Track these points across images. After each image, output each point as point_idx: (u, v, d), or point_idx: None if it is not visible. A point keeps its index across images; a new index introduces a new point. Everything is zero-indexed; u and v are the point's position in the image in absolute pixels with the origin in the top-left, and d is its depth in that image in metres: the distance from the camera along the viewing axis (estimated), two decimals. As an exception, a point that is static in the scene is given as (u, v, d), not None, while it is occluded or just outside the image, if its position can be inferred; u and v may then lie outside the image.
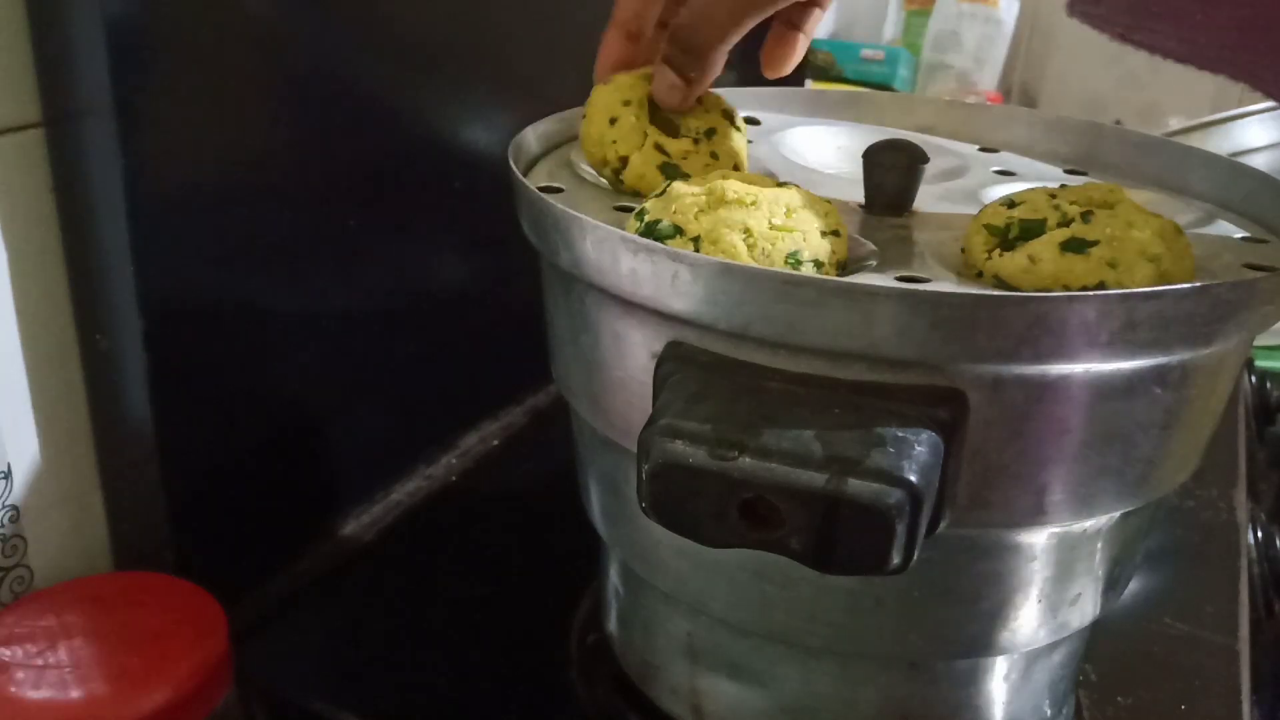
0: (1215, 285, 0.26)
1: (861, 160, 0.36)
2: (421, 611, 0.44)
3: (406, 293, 0.50)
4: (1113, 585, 0.34)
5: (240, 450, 0.43)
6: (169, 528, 0.40)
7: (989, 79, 1.27)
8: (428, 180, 0.50)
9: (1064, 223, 0.29)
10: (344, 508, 0.50)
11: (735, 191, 0.30)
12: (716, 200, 0.30)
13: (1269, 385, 0.75)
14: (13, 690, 0.33)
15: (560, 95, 0.42)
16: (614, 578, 0.39)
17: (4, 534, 0.38)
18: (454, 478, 0.54)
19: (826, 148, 0.44)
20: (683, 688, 0.37)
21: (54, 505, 0.40)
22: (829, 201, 0.31)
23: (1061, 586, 0.32)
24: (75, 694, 0.33)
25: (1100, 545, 0.32)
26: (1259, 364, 0.79)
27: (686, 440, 0.25)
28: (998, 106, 0.45)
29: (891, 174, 0.35)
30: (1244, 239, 0.34)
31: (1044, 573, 0.31)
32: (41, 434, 0.38)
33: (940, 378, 0.26)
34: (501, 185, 0.34)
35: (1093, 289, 0.27)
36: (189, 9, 0.36)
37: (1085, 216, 0.29)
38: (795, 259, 0.29)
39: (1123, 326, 0.25)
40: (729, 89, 0.46)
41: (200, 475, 0.41)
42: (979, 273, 0.30)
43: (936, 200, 0.37)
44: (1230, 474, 0.57)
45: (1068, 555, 0.31)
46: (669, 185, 0.31)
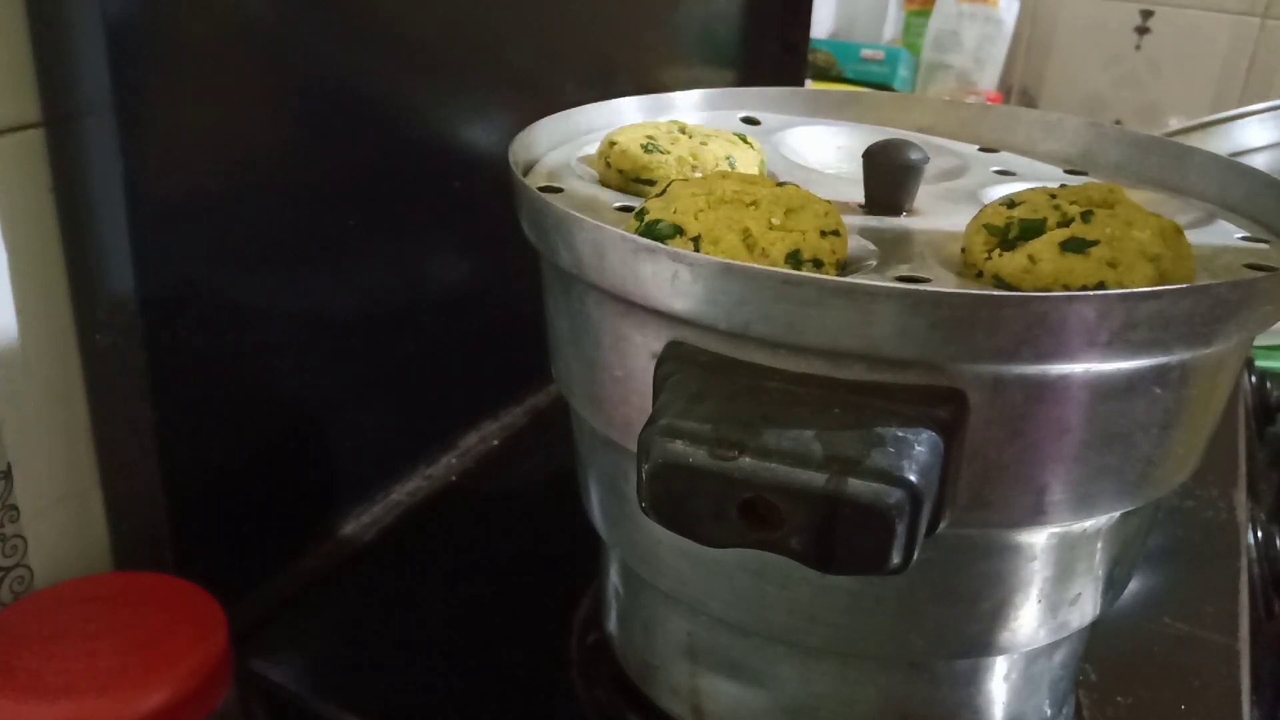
0: (1215, 285, 0.26)
1: (861, 160, 0.36)
2: (421, 611, 0.44)
3: (406, 293, 0.50)
4: (1113, 585, 0.34)
5: (240, 450, 0.43)
6: (169, 528, 0.40)
7: (989, 79, 1.27)
8: (428, 180, 0.50)
9: (1064, 223, 0.29)
10: (344, 508, 0.50)
11: (735, 191, 0.30)
12: (716, 200, 0.30)
13: (1269, 385, 0.75)
14: (13, 690, 0.33)
15: (560, 95, 0.42)
16: (614, 578, 0.39)
17: (4, 534, 0.38)
18: (454, 478, 0.54)
19: (826, 148, 0.44)
20: (683, 688, 0.37)
21: (54, 505, 0.40)
22: (829, 201, 0.31)
23: (1061, 586, 0.32)
24: (75, 694, 0.33)
25: (1100, 545, 0.32)
26: (1259, 364, 0.79)
27: (686, 440, 0.25)
28: (998, 106, 0.45)
29: (891, 174, 0.35)
30: (1244, 239, 0.34)
31: (1044, 573, 0.31)
32: (41, 434, 0.38)
33: (940, 378, 0.26)
34: (501, 185, 0.34)
35: (1093, 289, 0.27)
36: (189, 9, 0.36)
37: (1085, 216, 0.29)
38: (795, 259, 0.29)
39: (1123, 326, 0.25)
40: (729, 89, 0.46)
41: (200, 475, 0.41)
42: (979, 273, 0.30)
43: (936, 200, 0.37)
44: (1230, 474, 0.57)
45: (1068, 555, 0.31)
46: (669, 185, 0.31)
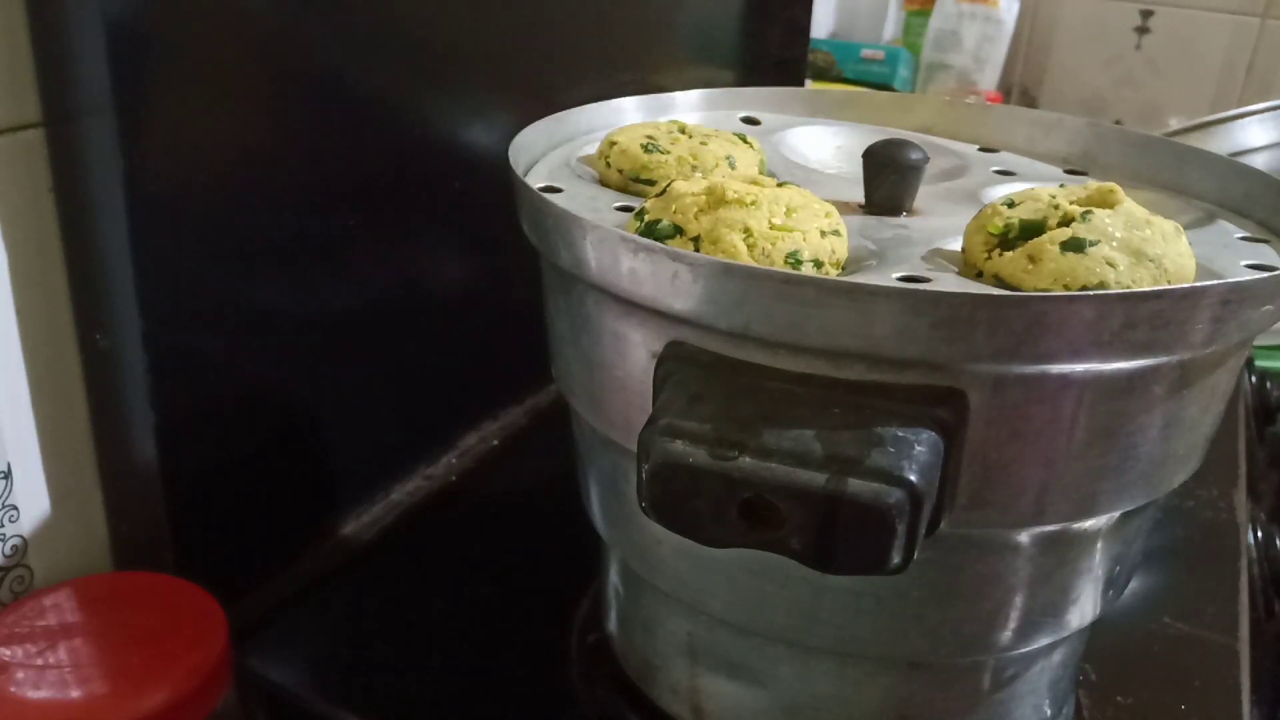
0: (1215, 285, 0.26)
1: (861, 160, 0.36)
2: (421, 611, 0.44)
3: (406, 293, 0.50)
4: (1113, 585, 0.34)
5: (240, 450, 0.43)
6: (169, 528, 0.40)
7: (989, 79, 1.27)
8: (428, 180, 0.50)
9: (1064, 223, 0.29)
10: (344, 508, 0.50)
11: (735, 191, 0.30)
12: (716, 200, 0.30)
13: (1269, 385, 0.75)
14: (13, 690, 0.33)
15: (560, 95, 0.42)
16: (614, 578, 0.39)
17: (4, 534, 0.38)
18: (454, 478, 0.54)
19: (826, 148, 0.44)
20: (683, 688, 0.37)
21: (54, 505, 0.40)
22: (829, 201, 0.31)
23: (1062, 586, 0.32)
24: (75, 694, 0.33)
25: (1100, 545, 0.32)
26: (1259, 364, 0.79)
27: (686, 440, 0.25)
28: (998, 106, 0.45)
29: (891, 173, 0.35)
30: (1244, 239, 0.34)
31: (1044, 573, 0.31)
32: (41, 434, 0.38)
33: (940, 377, 0.26)
34: (501, 185, 0.34)
35: (1093, 289, 0.27)
36: (189, 9, 0.36)
37: (1085, 216, 0.29)
38: (795, 259, 0.29)
39: (1123, 326, 0.25)
40: (729, 89, 0.46)
41: (200, 475, 0.41)
42: (979, 273, 0.30)
43: (936, 200, 0.37)
44: (1230, 474, 0.57)
45: (1068, 555, 0.31)
46: (669, 185, 0.31)
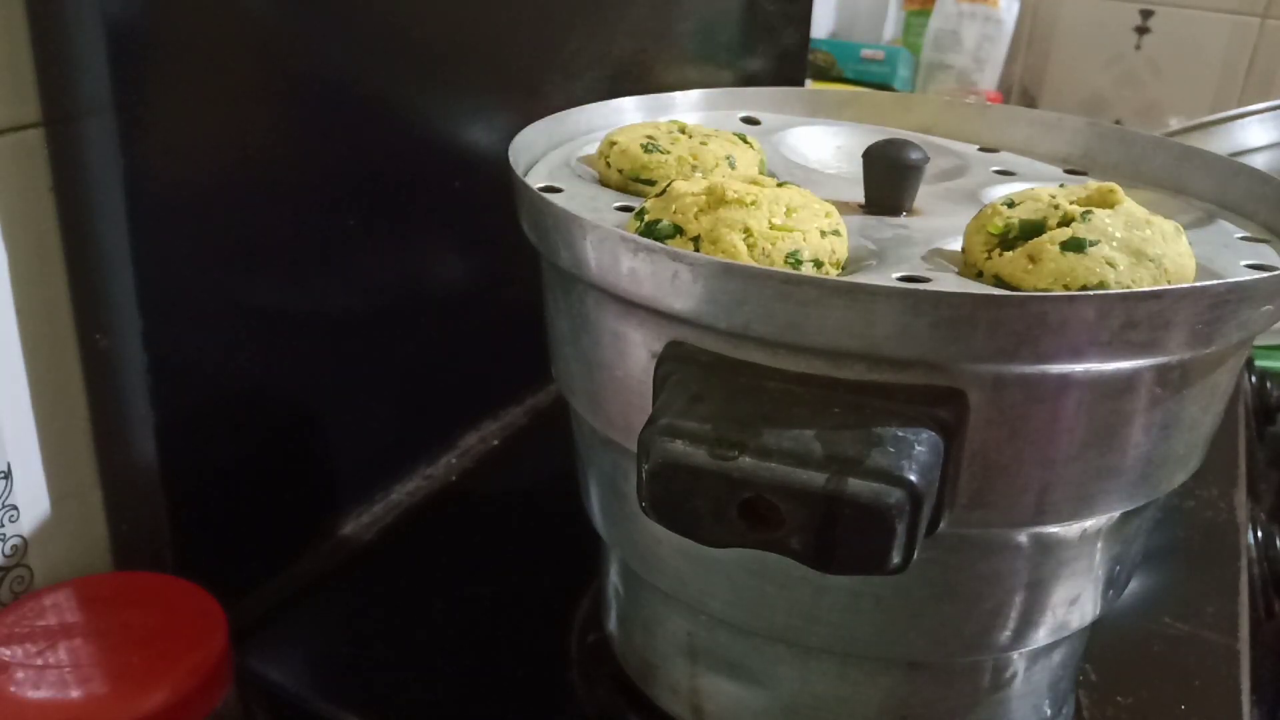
0: (1215, 285, 0.26)
1: (861, 160, 0.36)
2: (421, 611, 0.44)
3: (406, 293, 0.50)
4: (1113, 585, 0.34)
5: (240, 450, 0.43)
6: (169, 528, 0.40)
7: (989, 79, 1.27)
8: (428, 180, 0.50)
9: (1064, 223, 0.29)
10: (344, 508, 0.50)
11: (735, 191, 0.30)
12: (716, 200, 0.30)
13: (1269, 385, 0.75)
14: (13, 690, 0.33)
15: (560, 95, 0.42)
16: (614, 578, 0.39)
17: (4, 534, 0.38)
18: (454, 478, 0.54)
19: (826, 148, 0.44)
20: (683, 687, 0.37)
21: (54, 505, 0.40)
22: (829, 201, 0.31)
23: (1061, 586, 0.32)
24: (75, 694, 0.33)
25: (1100, 545, 0.32)
26: (1259, 364, 0.79)
27: (686, 440, 0.25)
28: (998, 106, 0.45)
29: (891, 174, 0.35)
30: (1244, 239, 0.34)
31: (1044, 572, 0.31)
32: (41, 434, 0.38)
33: (940, 377, 0.26)
34: (501, 185, 0.34)
35: (1093, 289, 0.27)
36: (189, 9, 0.36)
37: (1085, 216, 0.29)
38: (795, 259, 0.29)
39: (1123, 326, 0.25)
40: (729, 89, 0.46)
41: (200, 475, 0.41)
42: (979, 273, 0.30)
43: (936, 200, 0.37)
44: (1230, 474, 0.57)
45: (1068, 555, 0.31)
46: (669, 185, 0.31)
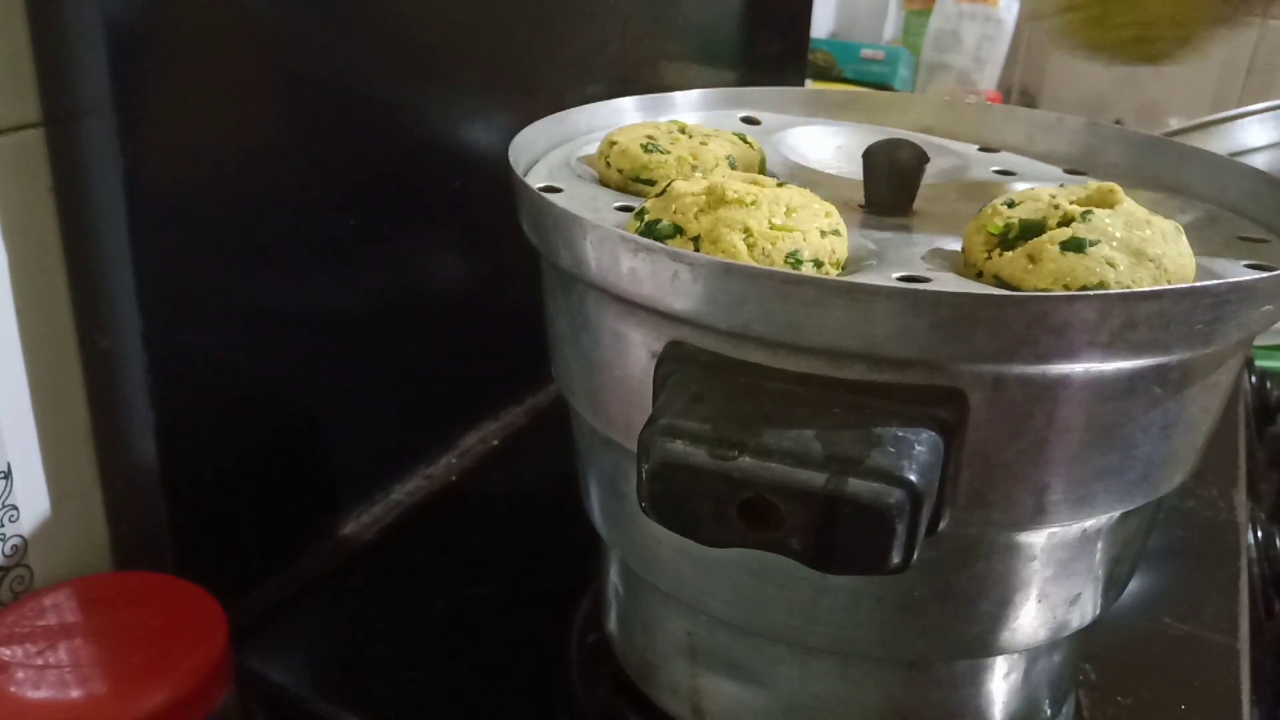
0: (1215, 285, 0.26)
1: (861, 160, 0.36)
2: (421, 611, 0.44)
3: (406, 293, 0.50)
4: (1113, 585, 0.34)
5: (240, 450, 0.43)
6: (169, 528, 0.40)
7: (989, 79, 1.27)
8: (428, 180, 0.50)
9: (1064, 223, 0.29)
10: (344, 508, 0.50)
11: (735, 191, 0.30)
12: (716, 200, 0.30)
13: (1269, 385, 0.75)
14: (13, 690, 0.33)
15: (560, 95, 0.42)
16: (614, 578, 0.39)
17: (4, 534, 0.38)
18: (454, 478, 0.54)
19: (826, 148, 0.44)
20: (683, 687, 0.37)
21: (54, 505, 0.40)
22: (829, 201, 0.31)
23: (1061, 586, 0.32)
24: (75, 694, 0.33)
25: (1100, 545, 0.32)
26: (1259, 364, 0.79)
27: (686, 440, 0.25)
28: (998, 106, 0.45)
29: (891, 174, 0.35)
30: (1244, 239, 0.34)
31: (1044, 573, 0.31)
32: (41, 434, 0.38)
33: (940, 378, 0.26)
34: (501, 185, 0.34)
35: (1093, 289, 0.27)
36: (189, 9, 0.36)
37: (1085, 216, 0.29)
38: (795, 259, 0.29)
39: (1123, 326, 0.25)
40: (729, 89, 0.46)
41: (200, 475, 0.41)
42: (979, 273, 0.30)
43: (936, 200, 0.37)
44: (1230, 474, 0.57)
45: (1068, 555, 0.31)
46: (669, 185, 0.31)
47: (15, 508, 0.38)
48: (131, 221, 0.35)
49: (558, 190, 0.35)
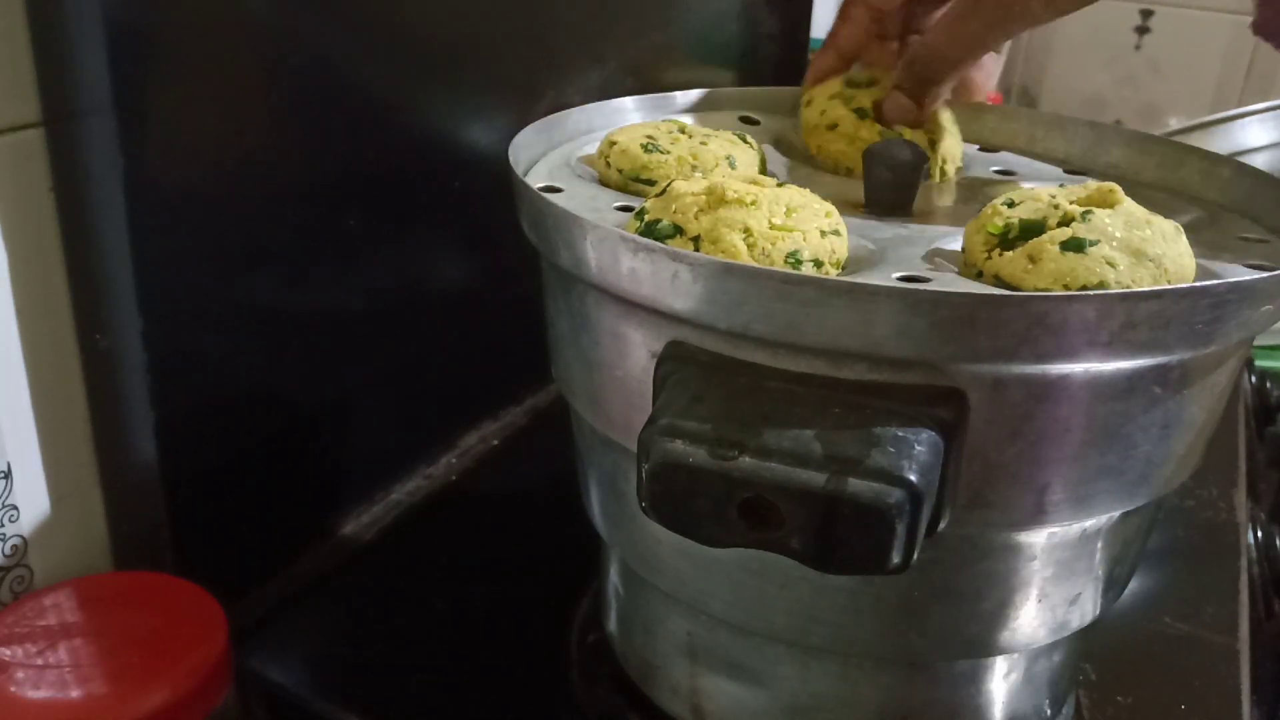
0: (1215, 285, 0.26)
1: (862, 160, 0.36)
2: (421, 611, 0.44)
3: (406, 293, 0.50)
4: (1113, 585, 0.34)
5: (240, 450, 0.43)
6: (169, 528, 0.40)
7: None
8: (428, 180, 0.50)
9: (1064, 223, 0.29)
10: (344, 508, 0.50)
11: (735, 191, 0.30)
12: (716, 200, 0.30)
13: (1269, 385, 0.75)
14: (13, 690, 0.33)
15: (560, 95, 0.42)
16: (614, 578, 0.39)
17: (4, 534, 0.38)
18: (454, 478, 0.54)
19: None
20: (683, 687, 0.37)
21: (54, 505, 0.40)
22: (829, 201, 0.31)
23: (1061, 586, 0.32)
24: (75, 694, 0.33)
25: (1100, 545, 0.32)
26: (1259, 364, 0.79)
27: (686, 440, 0.25)
28: (998, 106, 0.45)
29: (891, 174, 0.35)
30: (1244, 239, 0.34)
31: (1044, 573, 0.31)
32: (41, 434, 0.38)
33: (940, 377, 0.26)
34: (502, 185, 0.34)
35: (1093, 289, 0.27)
36: (189, 9, 0.36)
37: (1085, 216, 0.29)
38: (795, 259, 0.29)
39: (1123, 326, 0.25)
40: (729, 89, 0.46)
41: (200, 475, 0.41)
42: (979, 273, 0.30)
43: (936, 200, 0.37)
44: (1230, 474, 0.57)
45: (1068, 555, 0.31)
46: (669, 185, 0.31)
47: (15, 508, 0.38)
48: (131, 221, 0.35)
49: (558, 190, 0.35)
